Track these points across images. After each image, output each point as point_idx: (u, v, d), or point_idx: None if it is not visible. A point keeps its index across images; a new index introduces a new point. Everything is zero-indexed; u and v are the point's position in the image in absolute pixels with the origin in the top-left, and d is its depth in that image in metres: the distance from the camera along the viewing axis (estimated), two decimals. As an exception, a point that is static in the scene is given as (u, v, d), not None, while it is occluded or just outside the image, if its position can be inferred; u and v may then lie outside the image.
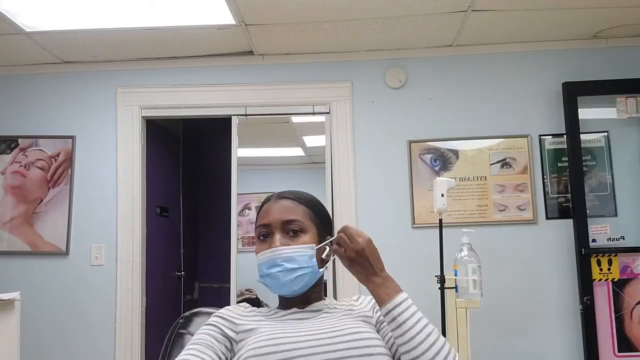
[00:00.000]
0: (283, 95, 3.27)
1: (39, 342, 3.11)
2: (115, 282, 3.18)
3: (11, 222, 3.25)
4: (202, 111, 3.34)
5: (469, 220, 3.06)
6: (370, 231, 3.36)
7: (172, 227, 4.24)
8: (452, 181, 2.51)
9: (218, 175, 4.30)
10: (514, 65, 3.21)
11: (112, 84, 3.33)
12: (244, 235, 3.86)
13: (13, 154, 3.31)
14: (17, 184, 3.28)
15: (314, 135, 3.64)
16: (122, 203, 3.23)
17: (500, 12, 2.79)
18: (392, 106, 3.22)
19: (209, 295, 4.77)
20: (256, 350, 1.05)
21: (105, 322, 3.15)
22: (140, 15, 2.76)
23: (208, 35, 3.00)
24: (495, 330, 2.97)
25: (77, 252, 3.21)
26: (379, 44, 3.17)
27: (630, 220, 3.05)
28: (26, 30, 2.87)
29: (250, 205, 3.93)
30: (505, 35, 3.11)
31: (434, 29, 2.96)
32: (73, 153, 3.29)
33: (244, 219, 3.86)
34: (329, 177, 3.22)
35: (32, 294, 3.04)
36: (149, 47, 3.15)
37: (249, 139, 3.42)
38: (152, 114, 3.37)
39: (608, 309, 2.95)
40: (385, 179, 3.16)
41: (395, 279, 1.20)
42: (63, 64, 3.35)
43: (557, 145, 3.13)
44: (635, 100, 3.08)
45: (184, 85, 3.31)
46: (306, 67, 3.28)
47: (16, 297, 2.29)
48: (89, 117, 3.32)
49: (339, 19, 2.81)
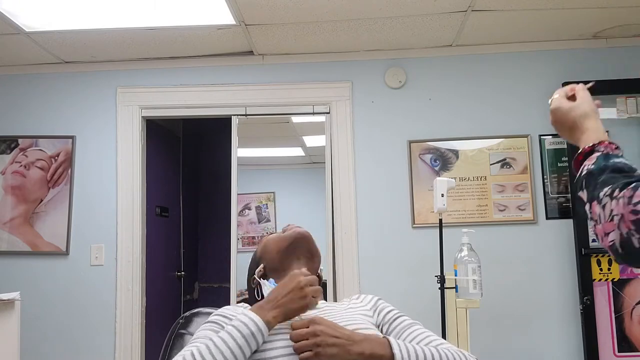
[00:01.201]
0: (283, 95, 3.27)
1: (39, 342, 3.11)
2: (115, 282, 3.18)
3: (11, 222, 3.25)
4: (202, 111, 3.34)
5: (469, 220, 3.06)
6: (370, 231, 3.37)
7: (172, 227, 4.24)
8: (452, 181, 2.51)
9: (218, 175, 4.30)
10: (514, 65, 3.21)
11: (112, 84, 3.33)
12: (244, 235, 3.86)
13: (13, 154, 3.31)
14: (17, 184, 3.28)
15: (314, 135, 3.64)
16: (122, 203, 3.23)
17: (500, 12, 2.79)
18: (392, 106, 3.22)
19: (209, 295, 4.77)
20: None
21: (105, 322, 3.15)
22: (140, 15, 2.76)
23: (208, 35, 3.00)
24: (495, 330, 2.97)
25: (77, 252, 3.21)
26: (379, 44, 3.17)
27: (630, 220, 3.05)
28: (26, 30, 2.87)
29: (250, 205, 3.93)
30: (505, 35, 3.11)
31: (434, 29, 2.96)
32: (73, 153, 3.29)
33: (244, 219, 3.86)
34: (329, 177, 3.22)
35: (32, 294, 3.03)
36: (149, 47, 3.15)
37: (249, 139, 3.42)
38: (152, 114, 3.37)
39: (608, 309, 2.95)
40: (385, 179, 3.16)
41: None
42: (63, 64, 3.35)
43: (557, 145, 3.13)
44: (635, 100, 3.08)
45: (184, 85, 3.31)
46: (306, 67, 3.28)
47: (16, 297, 2.29)
48: (89, 117, 3.32)
49: (339, 19, 2.81)
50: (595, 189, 0.83)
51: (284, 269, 1.26)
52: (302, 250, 1.29)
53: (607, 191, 0.80)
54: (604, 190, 0.81)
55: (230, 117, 3.30)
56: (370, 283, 3.05)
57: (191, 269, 4.69)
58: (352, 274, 3.07)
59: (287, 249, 1.28)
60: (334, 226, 3.15)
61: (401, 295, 2.89)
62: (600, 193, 0.81)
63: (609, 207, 0.78)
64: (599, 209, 0.81)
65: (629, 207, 0.75)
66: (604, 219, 0.79)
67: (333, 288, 3.09)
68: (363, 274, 3.07)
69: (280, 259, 1.28)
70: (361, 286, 3.03)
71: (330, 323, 1.06)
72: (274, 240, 1.33)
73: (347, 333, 1.04)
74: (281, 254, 1.28)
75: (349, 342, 1.02)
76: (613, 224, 0.78)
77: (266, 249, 1.33)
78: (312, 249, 1.31)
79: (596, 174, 0.86)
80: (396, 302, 1.32)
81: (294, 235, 1.30)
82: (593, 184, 0.85)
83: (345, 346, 1.01)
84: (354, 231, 3.12)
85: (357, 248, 3.10)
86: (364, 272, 3.08)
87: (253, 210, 3.93)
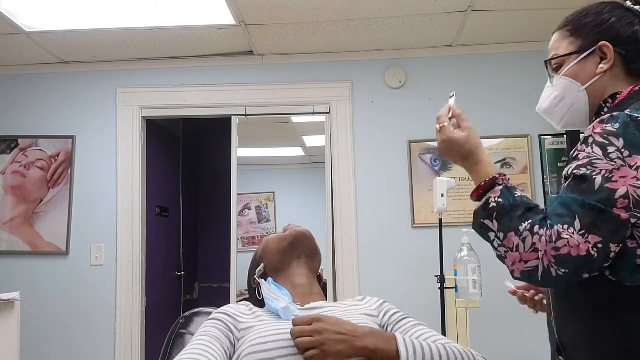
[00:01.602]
0: (283, 95, 3.27)
1: (39, 342, 3.11)
2: (115, 282, 3.18)
3: (11, 222, 3.25)
4: (202, 111, 3.34)
5: (469, 220, 3.04)
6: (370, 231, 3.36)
7: (172, 227, 4.23)
8: (452, 181, 2.51)
9: (218, 175, 4.30)
10: (514, 65, 3.21)
11: (112, 84, 3.33)
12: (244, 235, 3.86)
13: (13, 154, 3.31)
14: (17, 184, 3.28)
15: (314, 135, 3.65)
16: (122, 203, 3.23)
17: (500, 12, 2.79)
18: (392, 106, 3.22)
19: (209, 295, 4.77)
20: (255, 347, 1.05)
21: (105, 322, 3.15)
22: (140, 15, 2.76)
23: (208, 35, 3.00)
24: (495, 330, 2.97)
25: (77, 252, 3.21)
26: (379, 44, 3.17)
27: (630, 220, 3.05)
28: (26, 30, 2.87)
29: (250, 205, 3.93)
30: (505, 35, 3.11)
31: (434, 29, 2.96)
32: (73, 153, 3.29)
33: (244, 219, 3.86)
34: (329, 177, 3.22)
35: (32, 294, 3.03)
36: (149, 47, 3.15)
37: (249, 139, 3.42)
38: (152, 114, 3.37)
39: (608, 309, 2.95)
40: (385, 179, 3.16)
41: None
42: (63, 64, 3.34)
43: (557, 145, 3.13)
44: (635, 100, 3.08)
45: (184, 85, 3.31)
46: (306, 67, 3.28)
47: (16, 297, 2.29)
48: (89, 117, 3.32)
49: (339, 19, 2.81)
50: (511, 221, 0.99)
51: (285, 269, 1.26)
52: (303, 249, 1.28)
53: (527, 226, 0.96)
54: (523, 225, 0.97)
55: (230, 117, 3.30)
56: (370, 283, 3.05)
57: (191, 269, 4.69)
58: (352, 274, 3.07)
59: (288, 248, 1.28)
60: (334, 226, 3.15)
61: (401, 295, 2.88)
62: (520, 227, 0.97)
63: (530, 240, 0.95)
64: (517, 240, 0.97)
65: (550, 244, 0.92)
66: (523, 249, 0.95)
67: (333, 288, 3.09)
68: (363, 274, 3.07)
69: (281, 258, 1.28)
70: (361, 286, 3.03)
71: (333, 319, 1.05)
72: (274, 240, 1.32)
73: (351, 328, 1.04)
74: (282, 254, 1.28)
75: (353, 337, 1.01)
76: (536, 255, 0.94)
77: (267, 248, 1.33)
78: (313, 248, 1.31)
79: (509, 208, 1.00)
80: (396, 302, 1.32)
81: (294, 234, 1.30)
82: (508, 217, 0.99)
83: (350, 342, 1.01)
84: (354, 231, 3.12)
85: (357, 248, 3.10)
86: (364, 272, 3.08)
87: (253, 210, 3.94)
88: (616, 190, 0.92)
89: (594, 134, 0.97)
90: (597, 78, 1.09)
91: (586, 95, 1.10)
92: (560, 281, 0.95)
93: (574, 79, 1.11)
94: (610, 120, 0.97)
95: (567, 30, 1.16)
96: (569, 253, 0.91)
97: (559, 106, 1.15)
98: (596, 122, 0.99)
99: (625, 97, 1.06)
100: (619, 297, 0.97)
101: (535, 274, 0.95)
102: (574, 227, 0.92)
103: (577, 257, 0.91)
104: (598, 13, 1.12)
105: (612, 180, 0.92)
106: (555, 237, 0.92)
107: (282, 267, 1.27)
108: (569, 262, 0.92)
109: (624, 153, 0.93)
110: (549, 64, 1.17)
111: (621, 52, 1.08)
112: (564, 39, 1.16)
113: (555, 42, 1.18)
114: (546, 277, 0.93)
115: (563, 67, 1.13)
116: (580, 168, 0.96)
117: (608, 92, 1.08)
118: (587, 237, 0.91)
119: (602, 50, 1.09)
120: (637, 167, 0.92)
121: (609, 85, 1.09)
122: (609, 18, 1.10)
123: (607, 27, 1.10)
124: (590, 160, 0.95)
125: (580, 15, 1.16)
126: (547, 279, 0.94)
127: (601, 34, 1.09)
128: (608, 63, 1.08)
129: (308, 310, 1.19)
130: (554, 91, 1.15)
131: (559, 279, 0.94)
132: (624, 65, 1.08)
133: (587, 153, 0.96)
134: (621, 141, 0.94)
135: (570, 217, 0.93)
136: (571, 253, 0.91)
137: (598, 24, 1.11)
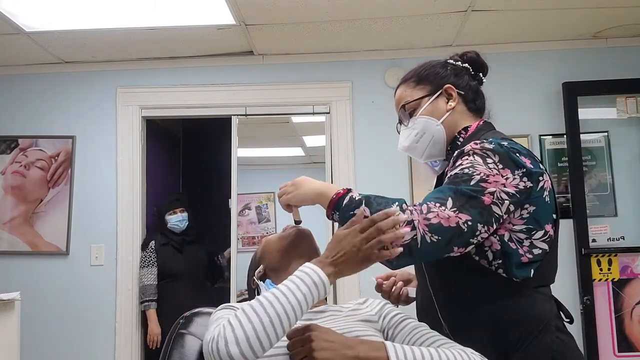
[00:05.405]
0: (283, 95, 3.26)
1: (39, 342, 3.11)
2: (115, 282, 3.18)
3: (11, 222, 3.25)
4: (202, 111, 3.34)
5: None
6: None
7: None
8: (452, 181, 2.51)
9: (218, 175, 4.30)
10: (514, 65, 3.20)
11: (112, 84, 3.33)
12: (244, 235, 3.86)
13: (13, 154, 3.31)
14: (17, 184, 3.28)
15: (314, 135, 3.64)
16: (122, 203, 3.23)
17: (500, 12, 2.79)
18: (392, 106, 3.19)
19: (209, 295, 4.76)
20: None
21: (105, 322, 3.15)
22: (140, 15, 2.76)
23: (208, 35, 3.00)
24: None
25: (77, 252, 3.21)
26: (379, 44, 3.17)
27: (630, 220, 3.05)
28: (26, 30, 2.87)
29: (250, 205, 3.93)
30: (505, 35, 3.11)
31: (434, 29, 2.96)
32: (73, 153, 3.29)
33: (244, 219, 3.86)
34: (329, 177, 3.22)
35: (32, 294, 3.03)
36: (149, 47, 3.15)
37: (249, 139, 3.42)
38: (152, 114, 3.37)
39: (608, 309, 2.95)
40: (385, 179, 3.16)
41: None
42: (63, 64, 3.34)
43: (557, 145, 3.13)
44: (635, 100, 3.08)
45: (184, 85, 3.31)
46: (306, 67, 3.28)
47: (16, 297, 2.29)
48: (89, 117, 3.32)
49: (339, 19, 2.81)
50: (380, 205, 1.10)
51: (285, 269, 1.24)
52: (304, 249, 1.27)
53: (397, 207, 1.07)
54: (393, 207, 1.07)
55: (230, 117, 3.29)
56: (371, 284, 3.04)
57: (191, 269, 4.68)
58: (352, 275, 3.06)
59: (288, 247, 1.27)
60: (334, 226, 3.15)
61: (401, 295, 2.88)
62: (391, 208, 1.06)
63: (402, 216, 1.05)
64: None
65: (422, 215, 1.04)
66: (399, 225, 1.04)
67: (333, 289, 3.09)
68: (363, 274, 3.06)
69: (281, 258, 1.27)
70: (361, 286, 3.03)
71: (325, 329, 1.05)
72: (274, 240, 1.32)
73: (341, 339, 1.04)
74: (282, 253, 1.27)
75: (343, 346, 1.02)
76: (410, 227, 1.03)
77: (266, 249, 1.32)
78: (314, 247, 1.30)
79: (373, 197, 1.13)
80: (396, 302, 1.32)
81: (295, 233, 1.29)
82: (376, 202, 1.11)
83: (339, 350, 1.01)
84: (354, 231, 3.11)
85: (357, 248, 3.09)
86: (364, 273, 3.07)
87: (253, 210, 3.93)
88: (487, 188, 1.09)
89: (474, 149, 1.15)
90: (448, 114, 1.31)
91: (442, 128, 1.31)
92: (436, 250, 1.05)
93: (430, 116, 1.32)
94: (484, 142, 1.16)
95: (413, 82, 1.36)
96: (439, 223, 1.04)
97: (420, 141, 1.33)
98: (472, 143, 1.17)
99: (476, 129, 1.31)
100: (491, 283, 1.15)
101: (415, 246, 1.04)
102: (445, 206, 1.06)
103: (448, 227, 1.04)
104: (435, 66, 1.36)
105: (487, 181, 1.09)
106: (426, 210, 1.05)
107: (282, 267, 1.26)
108: (440, 230, 1.04)
109: (498, 165, 1.12)
110: (404, 110, 1.36)
111: (461, 93, 1.34)
112: (412, 89, 1.36)
113: (403, 92, 1.37)
114: (425, 245, 1.03)
115: (418, 110, 1.33)
116: (463, 169, 1.12)
117: (459, 125, 1.32)
118: (458, 214, 1.05)
119: (447, 92, 1.32)
120: (507, 178, 1.11)
121: (459, 120, 1.32)
122: (445, 68, 1.36)
123: (447, 75, 1.34)
124: (472, 164, 1.12)
125: (420, 70, 1.37)
126: (426, 248, 1.03)
127: (444, 79, 1.33)
128: (454, 100, 1.32)
129: (309, 314, 1.17)
130: (412, 130, 1.34)
131: (435, 248, 1.04)
132: (465, 104, 1.35)
133: (469, 160, 1.13)
134: (497, 157, 1.13)
135: (443, 199, 1.07)
136: (442, 223, 1.04)
137: (439, 72, 1.35)
